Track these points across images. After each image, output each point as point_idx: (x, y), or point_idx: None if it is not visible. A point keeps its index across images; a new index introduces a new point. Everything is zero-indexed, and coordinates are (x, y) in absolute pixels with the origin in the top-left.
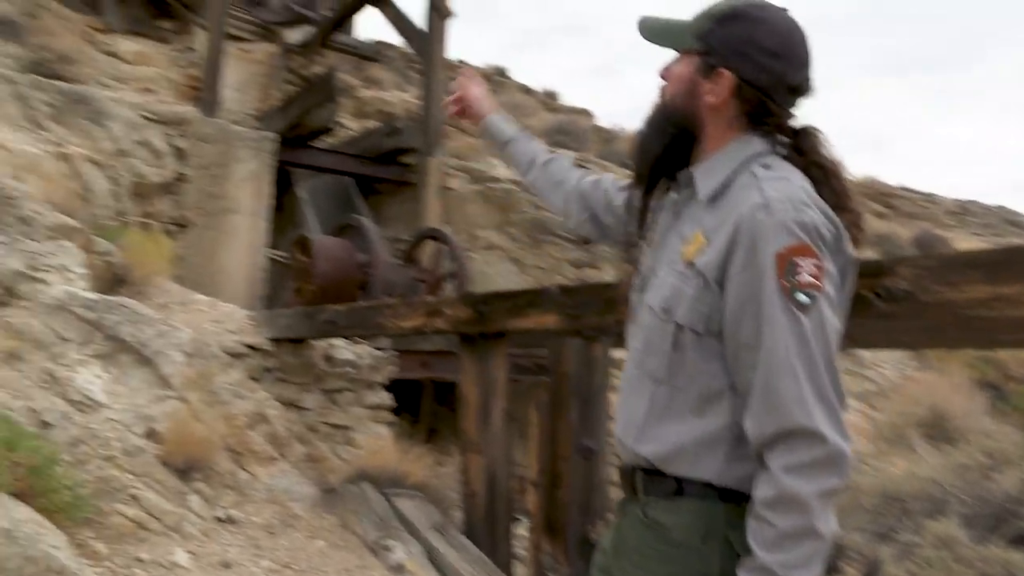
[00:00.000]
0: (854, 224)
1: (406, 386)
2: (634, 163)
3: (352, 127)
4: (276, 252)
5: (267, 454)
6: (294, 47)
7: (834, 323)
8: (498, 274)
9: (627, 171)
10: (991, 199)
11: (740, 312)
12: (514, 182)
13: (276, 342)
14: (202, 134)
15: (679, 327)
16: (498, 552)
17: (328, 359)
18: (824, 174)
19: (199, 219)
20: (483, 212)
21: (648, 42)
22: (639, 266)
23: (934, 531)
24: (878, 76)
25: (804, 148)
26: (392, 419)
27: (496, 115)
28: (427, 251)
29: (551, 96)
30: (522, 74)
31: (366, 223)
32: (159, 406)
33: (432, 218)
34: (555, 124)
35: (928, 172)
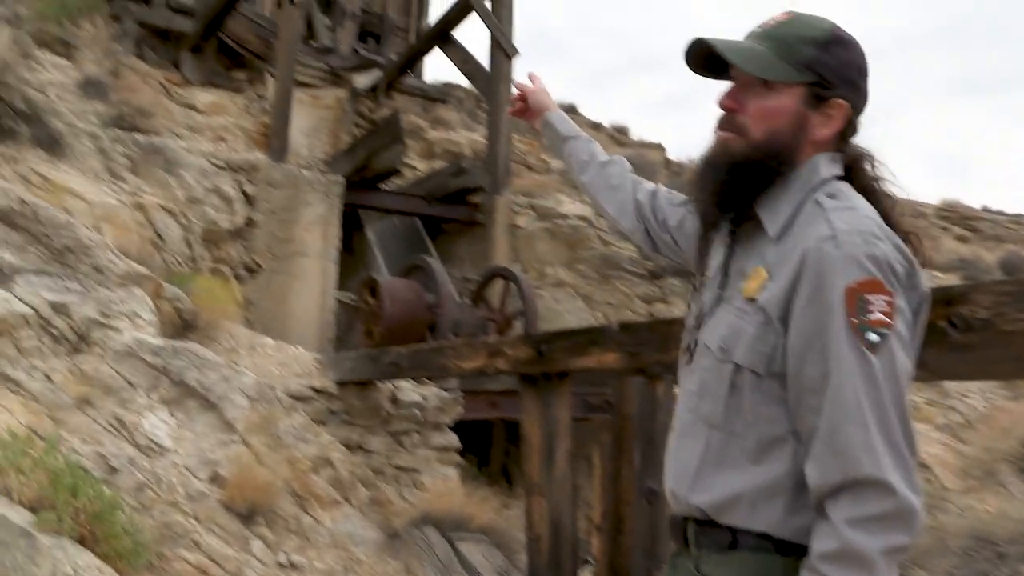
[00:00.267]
0: (915, 249)
1: (475, 427)
2: (702, 203)
3: (421, 168)
4: (345, 294)
5: (331, 498)
6: (363, 91)
7: (906, 365)
8: (567, 311)
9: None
10: None
11: (804, 351)
12: (582, 218)
13: (342, 385)
14: (271, 179)
15: (737, 368)
16: None
17: (394, 401)
18: (876, 196)
19: (268, 263)
20: (551, 249)
21: (694, 61)
22: (695, 303)
23: None
24: (959, 96)
25: (858, 168)
26: (459, 460)
27: (555, 113)
28: (496, 290)
29: (621, 131)
30: (593, 110)
31: (433, 263)
32: (223, 450)
33: (500, 257)
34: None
35: (1015, 194)
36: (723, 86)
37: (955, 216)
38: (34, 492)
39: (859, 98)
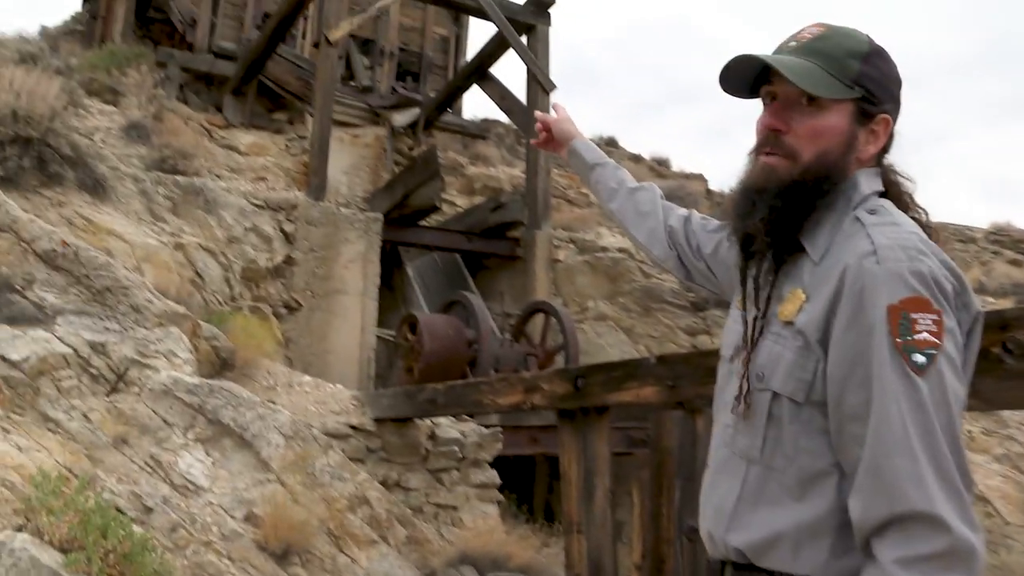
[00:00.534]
0: None
1: (517, 463)
2: (745, 231)
3: (461, 204)
4: (385, 331)
5: (367, 537)
6: (402, 129)
7: (957, 389)
8: (609, 345)
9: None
10: None
11: (846, 376)
12: (622, 251)
13: (380, 422)
14: (310, 218)
15: (775, 396)
16: None
17: (433, 438)
18: (915, 214)
19: (308, 301)
20: (592, 282)
21: (733, 78)
22: (730, 333)
23: None
24: (1008, 117)
25: (893, 184)
26: (499, 498)
27: (581, 141)
28: (537, 325)
29: (662, 163)
30: (634, 143)
31: (472, 299)
32: (258, 489)
33: (541, 291)
34: (665, 190)
35: None
36: (758, 110)
37: (1007, 239)
38: (64, 533)
39: (897, 110)
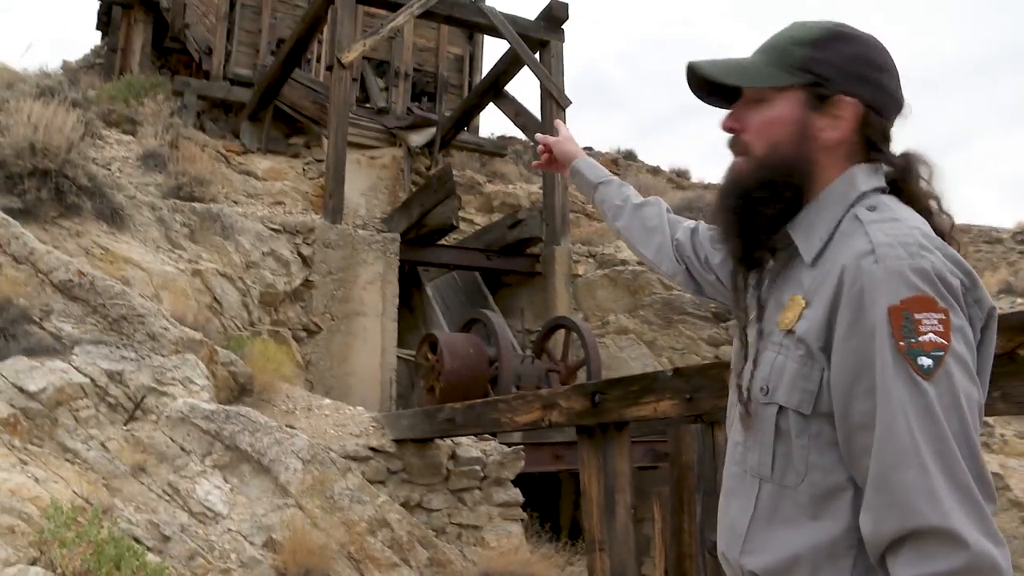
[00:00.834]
0: None
1: (542, 480)
2: (724, 237)
3: (480, 222)
4: (406, 351)
5: (388, 560)
6: (419, 149)
7: (970, 391)
8: (631, 358)
9: None
10: None
11: (850, 385)
12: (641, 263)
13: (400, 443)
14: (327, 240)
15: (781, 410)
16: None
17: (454, 457)
18: (930, 214)
19: (327, 324)
20: (613, 296)
21: (699, 91)
22: (739, 346)
23: None
24: None
25: (906, 181)
26: (523, 516)
27: (583, 160)
28: (558, 341)
29: (681, 174)
30: (653, 156)
31: (492, 317)
32: (277, 514)
33: (562, 306)
34: (684, 201)
35: None
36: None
37: None
38: (78, 565)
39: (876, 94)
